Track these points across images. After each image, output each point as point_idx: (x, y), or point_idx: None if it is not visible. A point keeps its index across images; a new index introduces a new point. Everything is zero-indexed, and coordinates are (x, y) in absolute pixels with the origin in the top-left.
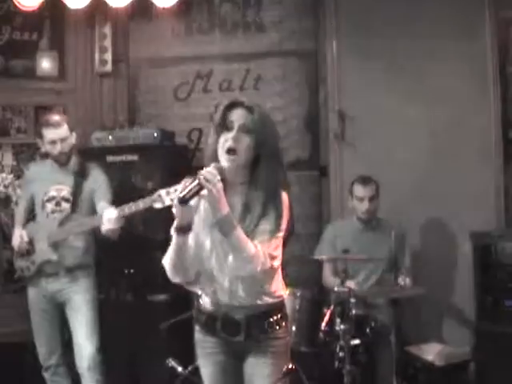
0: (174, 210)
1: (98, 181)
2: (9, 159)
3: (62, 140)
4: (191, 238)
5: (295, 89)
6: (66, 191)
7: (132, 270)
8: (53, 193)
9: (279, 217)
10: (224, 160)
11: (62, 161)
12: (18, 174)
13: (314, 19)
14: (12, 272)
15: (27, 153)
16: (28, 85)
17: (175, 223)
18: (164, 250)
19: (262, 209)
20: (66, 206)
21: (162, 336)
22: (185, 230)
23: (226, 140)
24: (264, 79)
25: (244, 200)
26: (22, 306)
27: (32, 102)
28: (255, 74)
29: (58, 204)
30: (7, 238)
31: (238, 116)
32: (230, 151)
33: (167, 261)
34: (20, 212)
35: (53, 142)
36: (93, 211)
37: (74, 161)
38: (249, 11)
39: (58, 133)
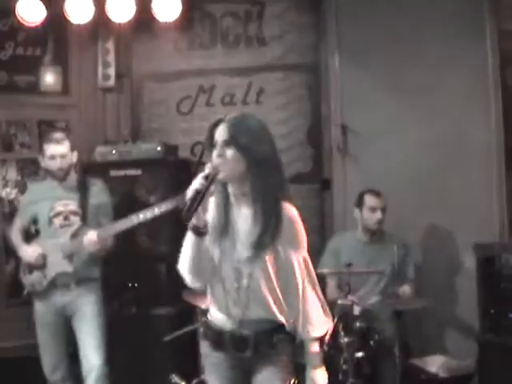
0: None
1: (103, 196)
2: (13, 174)
3: (62, 156)
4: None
5: (297, 102)
6: (72, 205)
7: (136, 283)
8: (60, 208)
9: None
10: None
11: (59, 177)
12: (22, 188)
13: (316, 32)
14: (16, 286)
15: (31, 168)
16: (32, 100)
17: (192, 222)
18: (168, 263)
19: (261, 220)
20: (74, 219)
21: (165, 349)
22: (200, 230)
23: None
24: (266, 93)
25: (248, 212)
26: (25, 320)
27: (35, 117)
28: (257, 87)
29: (66, 218)
30: (10, 253)
31: (219, 132)
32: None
33: (184, 265)
34: (16, 233)
35: (52, 158)
36: (99, 224)
37: (72, 177)
38: (250, 25)
39: (58, 149)
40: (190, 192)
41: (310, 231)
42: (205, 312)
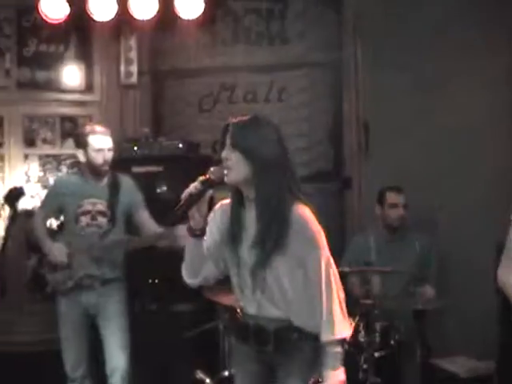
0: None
1: (131, 192)
2: (35, 170)
3: (109, 150)
4: (213, 245)
5: (319, 100)
6: (101, 205)
7: (156, 280)
8: (87, 206)
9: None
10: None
11: (101, 171)
12: (44, 184)
13: (338, 30)
14: (38, 281)
15: (53, 163)
16: (54, 96)
17: (188, 224)
18: None
19: (259, 227)
20: (101, 220)
21: (186, 346)
22: (195, 232)
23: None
24: (288, 91)
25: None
26: (47, 315)
27: (58, 114)
28: (279, 85)
29: (93, 218)
30: (32, 248)
31: (228, 135)
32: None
33: (184, 263)
34: (40, 223)
35: (100, 150)
36: (128, 224)
37: (107, 173)
38: (273, 23)
39: (106, 141)
40: (184, 194)
41: (331, 230)
42: (226, 308)
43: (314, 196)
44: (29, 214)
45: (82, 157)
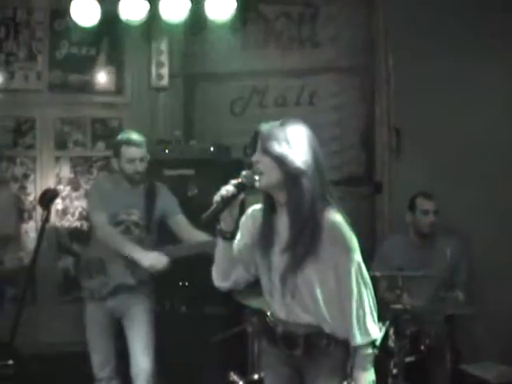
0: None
1: (167, 201)
2: (66, 172)
3: (141, 160)
4: (243, 249)
5: (350, 104)
6: (136, 216)
7: (187, 283)
8: (122, 216)
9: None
10: None
11: (135, 180)
12: (75, 186)
13: (370, 34)
14: (67, 283)
15: (84, 166)
16: (85, 99)
17: (219, 226)
18: None
19: (291, 233)
20: (135, 231)
21: (215, 349)
22: (226, 235)
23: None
24: (319, 95)
25: (287, 221)
26: (76, 317)
27: (89, 116)
28: (310, 89)
29: (127, 229)
30: (63, 250)
31: (260, 139)
32: (255, 173)
33: (214, 265)
34: (114, 230)
35: (131, 161)
36: (161, 232)
37: (143, 182)
38: (304, 26)
39: (138, 152)
40: (216, 197)
41: (362, 234)
42: (255, 312)
43: (345, 200)
44: (59, 215)
45: (116, 165)
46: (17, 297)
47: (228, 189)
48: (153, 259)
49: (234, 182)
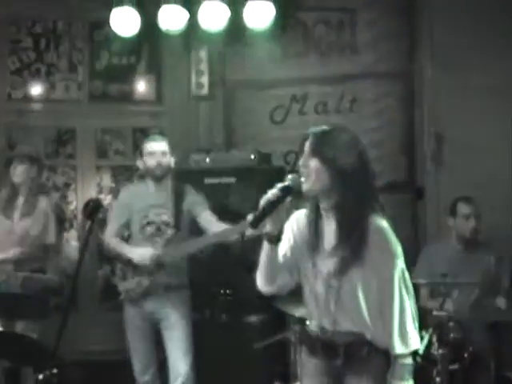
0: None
1: (194, 199)
2: (107, 181)
3: (162, 153)
4: (288, 253)
5: (390, 110)
6: (165, 215)
7: (228, 290)
8: (152, 217)
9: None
10: None
11: (158, 174)
12: (116, 195)
13: (409, 40)
14: (109, 291)
15: (125, 175)
16: (126, 108)
17: (265, 229)
18: None
19: (338, 237)
20: (166, 230)
21: (256, 357)
22: (273, 239)
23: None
24: (359, 101)
25: (334, 226)
26: (117, 325)
27: (130, 125)
28: (350, 96)
29: (158, 229)
30: (104, 257)
31: (308, 143)
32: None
33: (258, 269)
34: (117, 234)
35: (151, 154)
36: (191, 231)
37: (167, 183)
38: (343, 33)
39: (157, 145)
40: (262, 201)
41: (404, 241)
42: (297, 320)
43: (386, 206)
44: (100, 224)
45: (141, 165)
46: (60, 306)
47: (274, 192)
48: (140, 253)
49: (280, 185)
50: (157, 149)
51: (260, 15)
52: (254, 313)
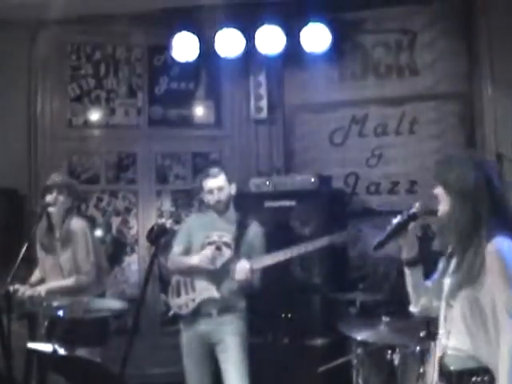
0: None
1: (257, 236)
2: (167, 205)
3: (219, 189)
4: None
5: (451, 131)
6: (227, 237)
7: (289, 314)
8: (214, 237)
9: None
10: None
11: (219, 209)
12: (177, 219)
13: (468, 60)
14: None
15: (185, 199)
16: (185, 133)
17: (403, 255)
18: (322, 295)
19: (456, 256)
20: (226, 250)
21: (318, 381)
22: (408, 262)
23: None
24: (419, 122)
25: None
26: (178, 348)
27: (189, 150)
28: (410, 117)
29: (218, 248)
30: (165, 282)
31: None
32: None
33: None
34: (178, 255)
35: (210, 192)
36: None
37: (231, 212)
38: (402, 54)
39: (215, 182)
40: (390, 226)
41: None
42: (359, 343)
43: None
44: (160, 248)
45: (203, 198)
46: (120, 329)
47: (401, 217)
48: (199, 258)
49: (409, 211)
50: (214, 186)
51: (317, 39)
52: (316, 336)
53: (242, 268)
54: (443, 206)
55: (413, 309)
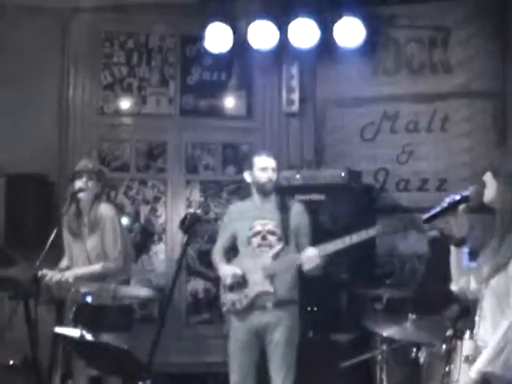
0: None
1: (303, 218)
2: (196, 195)
3: (273, 169)
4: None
5: (482, 130)
6: (270, 225)
7: (315, 308)
8: (258, 227)
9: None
10: None
11: (267, 189)
12: (206, 209)
13: (502, 59)
14: (196, 305)
15: (214, 189)
16: (216, 123)
17: (452, 233)
18: (349, 290)
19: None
20: (271, 238)
21: (343, 375)
22: (458, 242)
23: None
24: (451, 120)
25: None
26: (203, 338)
27: (220, 140)
28: (442, 114)
29: (264, 238)
30: (193, 272)
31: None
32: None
33: None
34: (218, 251)
35: (264, 169)
36: (298, 245)
37: (272, 197)
38: (435, 51)
39: (269, 160)
40: (443, 202)
41: None
42: (384, 339)
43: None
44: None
45: (248, 177)
46: (145, 317)
47: (454, 197)
48: (224, 270)
49: (461, 193)
50: (269, 164)
51: (351, 33)
52: (340, 331)
53: (311, 255)
54: (489, 191)
55: (453, 287)
